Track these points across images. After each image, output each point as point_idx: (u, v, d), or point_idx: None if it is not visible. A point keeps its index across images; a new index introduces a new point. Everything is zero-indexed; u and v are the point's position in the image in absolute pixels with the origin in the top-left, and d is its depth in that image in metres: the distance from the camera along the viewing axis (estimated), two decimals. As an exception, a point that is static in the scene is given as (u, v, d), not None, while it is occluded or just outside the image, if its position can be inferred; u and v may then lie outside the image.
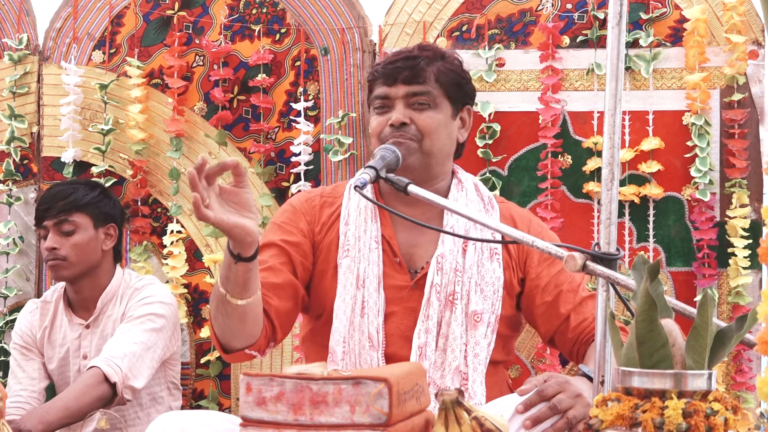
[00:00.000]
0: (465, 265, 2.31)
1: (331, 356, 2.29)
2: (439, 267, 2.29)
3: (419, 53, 2.39)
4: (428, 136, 2.33)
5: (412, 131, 2.33)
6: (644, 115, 3.22)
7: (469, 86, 2.45)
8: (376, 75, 2.40)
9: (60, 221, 3.04)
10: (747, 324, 1.53)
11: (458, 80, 2.40)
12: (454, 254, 2.31)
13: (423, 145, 2.33)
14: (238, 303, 2.11)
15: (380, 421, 1.57)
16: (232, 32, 3.45)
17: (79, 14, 3.51)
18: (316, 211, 2.41)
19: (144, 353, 2.94)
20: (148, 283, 3.11)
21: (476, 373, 2.27)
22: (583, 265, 1.82)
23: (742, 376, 3.13)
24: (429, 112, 2.34)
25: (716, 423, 1.46)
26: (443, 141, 2.36)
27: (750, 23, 3.20)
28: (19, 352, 3.12)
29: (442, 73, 2.37)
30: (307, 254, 2.36)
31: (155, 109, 3.48)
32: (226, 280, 2.10)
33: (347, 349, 2.28)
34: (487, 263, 2.32)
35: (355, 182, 2.14)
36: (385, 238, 2.34)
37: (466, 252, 2.32)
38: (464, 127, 2.45)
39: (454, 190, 2.39)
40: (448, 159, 2.42)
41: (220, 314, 2.16)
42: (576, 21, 3.29)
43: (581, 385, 2.04)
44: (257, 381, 1.62)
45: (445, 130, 2.37)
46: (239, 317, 2.14)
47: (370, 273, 2.30)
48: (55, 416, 2.73)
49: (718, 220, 3.18)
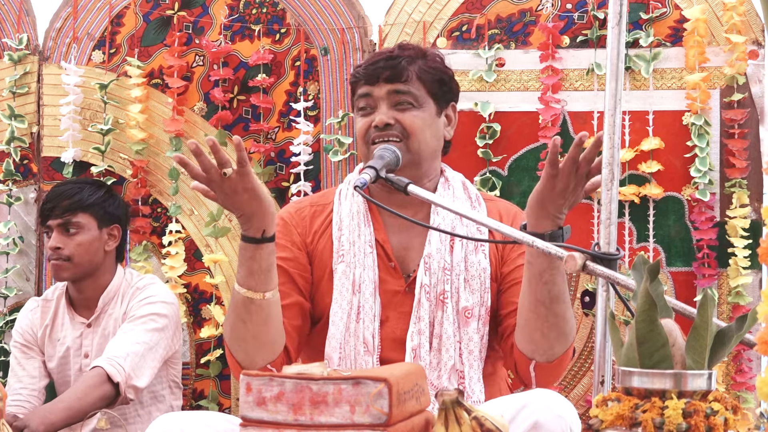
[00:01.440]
0: (453, 262, 2.30)
1: (327, 362, 2.29)
2: (427, 267, 2.29)
3: (400, 53, 2.38)
4: (414, 135, 2.32)
5: (397, 131, 2.32)
6: (644, 115, 3.22)
7: (453, 84, 2.44)
8: (357, 76, 2.39)
9: (64, 221, 3.04)
10: (747, 324, 1.53)
11: (441, 78, 2.39)
12: (442, 253, 2.31)
13: (410, 144, 2.32)
14: (264, 297, 2.12)
15: (380, 421, 1.57)
16: (232, 32, 3.45)
17: (79, 14, 3.52)
18: (306, 222, 2.40)
19: (146, 353, 2.94)
20: (150, 282, 3.11)
21: (472, 370, 2.26)
22: (583, 265, 1.82)
23: (742, 376, 3.14)
24: (413, 112, 2.34)
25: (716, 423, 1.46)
26: (429, 139, 2.36)
27: (750, 23, 3.20)
28: (20, 350, 3.12)
29: (424, 71, 2.36)
30: (305, 266, 2.36)
31: (155, 109, 3.48)
32: (249, 274, 2.11)
33: (343, 355, 2.28)
34: (471, 256, 2.31)
35: (356, 182, 2.14)
36: (378, 242, 2.34)
37: (453, 249, 2.32)
38: (450, 125, 2.44)
39: (441, 189, 2.38)
40: (436, 157, 2.41)
41: (241, 323, 2.15)
42: (576, 21, 3.29)
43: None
44: (257, 381, 1.62)
45: (430, 129, 2.36)
46: (264, 319, 2.15)
47: (366, 278, 2.30)
48: (58, 416, 2.73)
49: (718, 220, 3.18)
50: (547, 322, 2.18)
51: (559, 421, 1.99)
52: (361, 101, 2.37)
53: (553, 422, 1.98)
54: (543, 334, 2.20)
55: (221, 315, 3.36)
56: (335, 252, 2.34)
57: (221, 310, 3.38)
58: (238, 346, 2.19)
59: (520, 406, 2.01)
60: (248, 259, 2.10)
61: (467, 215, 2.10)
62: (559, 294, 2.17)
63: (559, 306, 2.18)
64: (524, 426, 1.98)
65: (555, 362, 2.23)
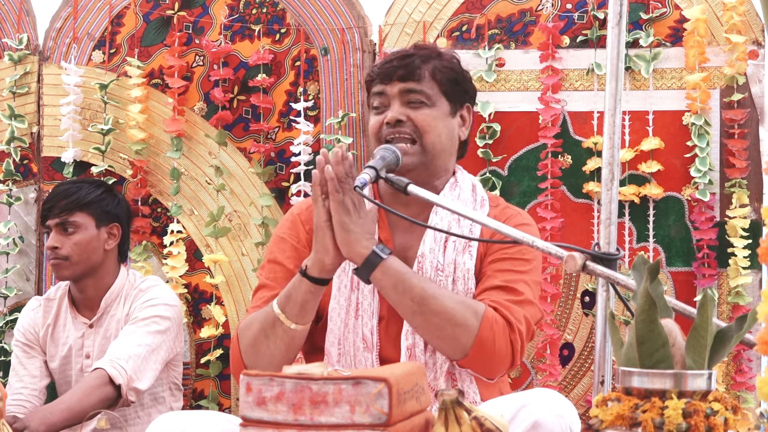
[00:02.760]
0: (444, 262, 2.30)
1: (327, 358, 2.30)
2: (420, 267, 2.29)
3: (415, 52, 2.38)
4: (426, 133, 2.32)
5: (409, 129, 2.32)
6: (644, 115, 3.22)
7: (468, 84, 2.43)
8: (372, 75, 2.40)
9: (62, 220, 3.04)
10: (747, 324, 1.53)
11: (455, 78, 2.38)
12: (435, 253, 2.30)
13: (423, 143, 2.32)
14: (291, 327, 2.18)
15: (380, 421, 1.57)
16: (232, 32, 3.45)
17: (79, 14, 3.52)
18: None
19: (149, 355, 2.94)
20: (153, 284, 3.10)
21: (464, 372, 2.26)
22: (583, 265, 1.82)
23: (742, 376, 3.14)
24: (425, 110, 2.33)
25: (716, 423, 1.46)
26: (442, 138, 2.35)
27: (750, 23, 3.20)
28: (21, 350, 3.12)
29: (438, 70, 2.36)
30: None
31: (155, 109, 3.48)
32: (288, 299, 2.18)
33: (342, 351, 2.28)
34: (458, 257, 2.31)
35: (356, 182, 2.14)
36: (381, 240, 2.34)
37: (446, 250, 2.31)
38: (465, 126, 2.43)
39: (447, 189, 2.37)
40: (449, 157, 2.40)
41: (264, 338, 2.20)
42: (576, 21, 3.29)
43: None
44: (257, 381, 1.62)
45: (443, 127, 2.36)
46: (287, 343, 2.20)
47: None
48: (58, 417, 2.72)
49: (718, 220, 3.18)
50: (431, 326, 2.17)
51: (559, 420, 1.99)
52: (375, 100, 2.38)
53: (553, 422, 1.98)
54: (439, 338, 2.18)
55: (221, 315, 3.36)
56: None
57: (221, 310, 3.38)
58: (252, 353, 2.22)
59: (520, 405, 2.01)
60: (296, 287, 2.19)
61: (465, 215, 2.10)
62: (423, 295, 2.15)
63: (432, 304, 2.15)
64: (524, 426, 1.98)
65: (472, 353, 2.16)
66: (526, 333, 2.23)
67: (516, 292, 2.24)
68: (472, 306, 2.17)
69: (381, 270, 2.15)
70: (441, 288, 2.22)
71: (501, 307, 2.20)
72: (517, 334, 2.19)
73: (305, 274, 2.18)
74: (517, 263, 2.29)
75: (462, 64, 2.44)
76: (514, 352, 2.20)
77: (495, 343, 2.16)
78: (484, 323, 2.15)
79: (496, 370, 2.23)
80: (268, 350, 2.19)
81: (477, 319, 2.15)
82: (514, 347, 2.19)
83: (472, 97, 2.45)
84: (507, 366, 2.22)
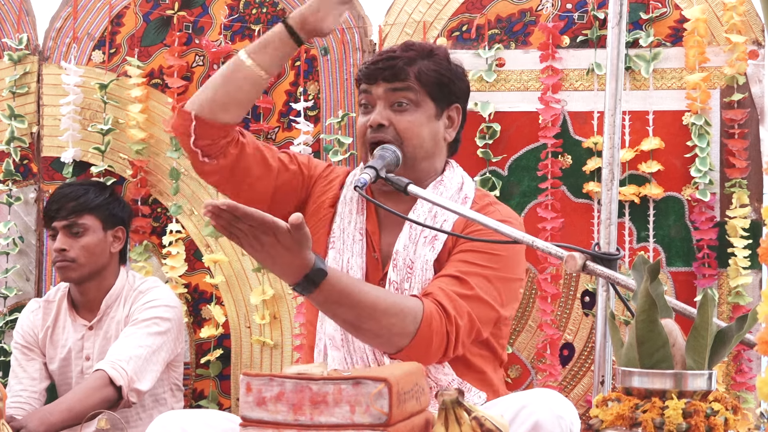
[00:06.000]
0: (415, 259, 2.29)
1: (331, 342, 2.29)
2: (395, 263, 2.29)
3: (401, 53, 2.37)
4: (408, 139, 2.31)
5: (391, 135, 2.32)
6: (644, 115, 3.22)
7: (457, 84, 2.40)
8: (360, 75, 2.40)
9: (70, 222, 3.04)
10: (747, 324, 1.53)
11: (441, 79, 2.36)
12: (408, 250, 2.30)
13: (404, 149, 2.31)
14: (259, 73, 2.32)
15: (380, 421, 1.57)
16: (232, 32, 3.45)
17: (79, 14, 3.51)
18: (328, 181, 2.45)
19: (149, 356, 2.94)
20: (153, 285, 3.10)
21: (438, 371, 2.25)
22: (583, 265, 1.82)
23: (742, 376, 3.14)
24: (409, 114, 2.33)
25: (716, 423, 1.46)
26: (424, 143, 2.34)
27: (750, 23, 3.20)
28: (21, 352, 3.12)
29: (423, 73, 2.34)
30: (290, 184, 2.41)
31: (155, 109, 3.48)
32: (263, 47, 2.32)
33: (344, 335, 2.27)
34: (420, 249, 2.30)
35: (355, 182, 2.15)
36: (368, 232, 2.34)
37: (417, 247, 2.30)
38: (452, 126, 2.42)
39: (431, 188, 2.36)
40: (432, 159, 2.38)
41: (223, 80, 2.32)
42: (576, 21, 3.29)
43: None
44: (257, 381, 1.62)
45: (426, 132, 2.35)
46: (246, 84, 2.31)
47: (354, 264, 2.31)
48: (58, 418, 2.73)
49: (718, 220, 3.18)
50: (367, 339, 2.16)
51: (559, 421, 1.99)
52: (362, 98, 2.39)
53: (553, 422, 1.98)
54: (376, 345, 2.18)
55: (221, 315, 3.36)
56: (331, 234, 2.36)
57: (221, 310, 3.38)
58: (210, 91, 2.32)
59: (520, 406, 2.01)
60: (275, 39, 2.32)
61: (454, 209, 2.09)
62: (357, 315, 2.09)
63: (365, 323, 2.10)
64: (524, 426, 1.98)
65: (406, 351, 2.12)
66: (467, 329, 2.18)
67: (466, 285, 2.19)
68: (411, 313, 2.11)
69: (312, 298, 2.07)
70: (377, 299, 2.12)
71: (445, 297, 2.15)
72: (454, 326, 2.14)
73: (285, 22, 2.32)
74: (482, 257, 2.23)
75: (456, 62, 2.43)
76: (448, 344, 2.15)
77: (432, 341, 2.13)
78: (423, 326, 2.11)
79: (428, 363, 2.17)
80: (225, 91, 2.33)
81: (415, 325, 2.10)
82: (449, 339, 2.14)
83: (462, 96, 2.43)
84: (438, 358, 2.18)
